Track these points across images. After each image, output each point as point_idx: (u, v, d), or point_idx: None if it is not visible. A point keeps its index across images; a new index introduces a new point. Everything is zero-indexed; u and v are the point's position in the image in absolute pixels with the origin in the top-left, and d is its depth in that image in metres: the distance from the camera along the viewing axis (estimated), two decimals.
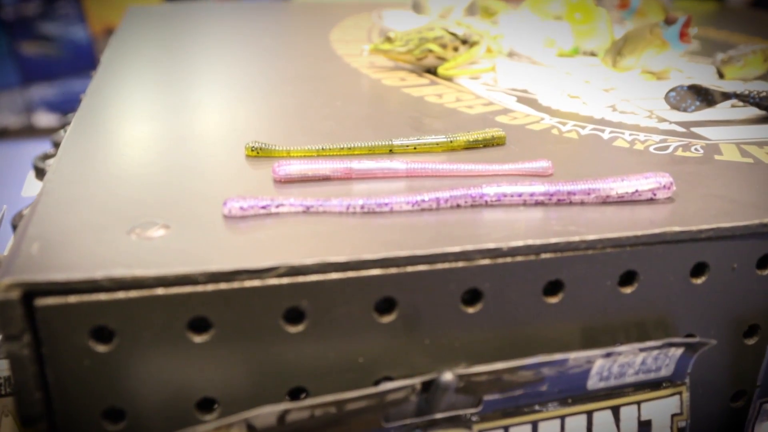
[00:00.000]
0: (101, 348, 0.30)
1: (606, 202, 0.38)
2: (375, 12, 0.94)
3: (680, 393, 0.38)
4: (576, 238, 0.34)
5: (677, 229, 0.35)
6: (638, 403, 0.37)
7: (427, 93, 0.58)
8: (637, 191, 0.38)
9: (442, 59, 0.64)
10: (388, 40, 0.64)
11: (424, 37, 0.63)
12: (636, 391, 0.37)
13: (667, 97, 0.55)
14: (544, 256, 0.33)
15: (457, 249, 0.32)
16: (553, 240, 0.33)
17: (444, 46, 0.63)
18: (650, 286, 0.36)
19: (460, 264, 0.32)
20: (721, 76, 0.65)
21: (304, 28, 0.91)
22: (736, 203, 0.38)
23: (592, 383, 0.36)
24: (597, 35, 0.72)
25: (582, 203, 0.38)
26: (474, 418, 0.34)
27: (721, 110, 0.56)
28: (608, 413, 0.36)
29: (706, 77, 0.67)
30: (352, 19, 0.94)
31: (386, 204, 0.36)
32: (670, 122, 0.52)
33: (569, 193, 0.37)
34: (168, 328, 0.30)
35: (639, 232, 0.35)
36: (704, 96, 0.54)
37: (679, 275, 0.36)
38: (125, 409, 0.31)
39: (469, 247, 0.32)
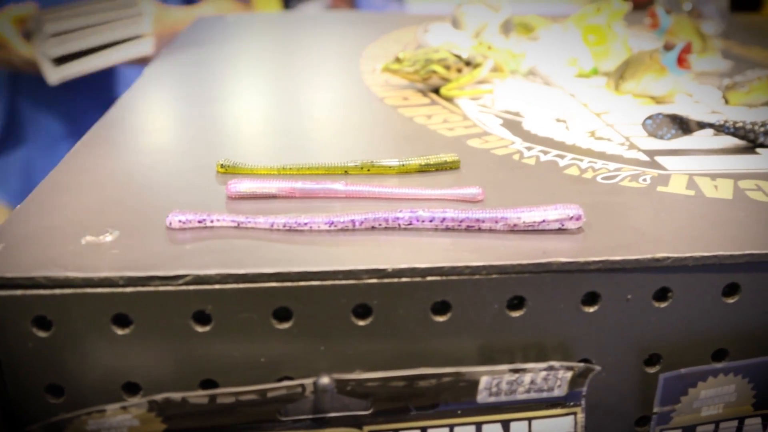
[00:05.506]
0: (42, 334, 0.36)
1: (514, 230, 0.41)
2: (422, 25, 0.98)
3: (574, 414, 0.40)
4: (461, 264, 0.37)
5: (563, 260, 0.37)
6: (529, 419, 0.39)
7: (419, 114, 0.62)
8: (544, 221, 0.40)
9: (446, 80, 0.67)
10: (398, 60, 0.68)
11: (429, 58, 0.67)
12: (526, 407, 0.39)
13: (644, 125, 0.56)
14: (430, 278, 0.37)
15: (345, 267, 0.36)
16: (439, 264, 0.37)
17: (447, 68, 0.66)
18: (539, 311, 0.38)
19: (350, 281, 0.36)
20: (726, 101, 0.65)
21: (350, 41, 0.96)
22: (643, 237, 0.40)
23: (482, 398, 0.39)
24: (612, 56, 0.72)
25: (491, 230, 0.41)
26: (365, 420, 0.38)
27: (705, 138, 0.56)
28: (498, 426, 0.39)
29: (713, 101, 0.66)
30: (398, 33, 0.98)
31: (306, 224, 0.40)
32: (639, 150, 0.54)
33: (478, 220, 0.40)
34: (95, 321, 0.36)
35: (524, 261, 0.37)
36: (680, 124, 0.55)
37: (570, 303, 0.38)
38: (64, 387, 0.37)
39: (358, 267, 0.36)
